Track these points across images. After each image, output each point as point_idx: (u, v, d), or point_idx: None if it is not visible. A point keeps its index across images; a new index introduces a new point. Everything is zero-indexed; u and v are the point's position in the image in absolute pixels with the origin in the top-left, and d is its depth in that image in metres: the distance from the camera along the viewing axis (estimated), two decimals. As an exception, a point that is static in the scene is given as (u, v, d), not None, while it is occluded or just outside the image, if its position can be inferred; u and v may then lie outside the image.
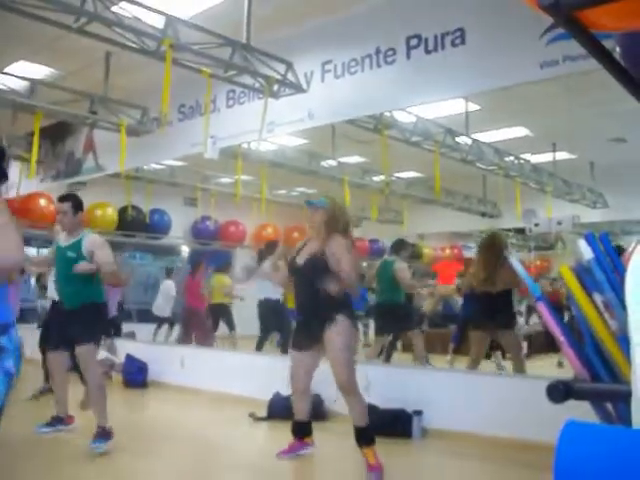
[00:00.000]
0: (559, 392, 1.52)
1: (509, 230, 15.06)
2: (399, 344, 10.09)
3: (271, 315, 8.71)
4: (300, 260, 4.52)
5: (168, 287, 11.46)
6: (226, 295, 10.69)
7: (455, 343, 9.01)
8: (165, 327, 11.54)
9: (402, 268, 7.81)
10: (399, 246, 8.11)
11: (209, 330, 10.27)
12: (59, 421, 5.36)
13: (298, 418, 4.74)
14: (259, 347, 8.94)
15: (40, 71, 7.73)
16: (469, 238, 17.48)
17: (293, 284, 4.66)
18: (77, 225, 5.10)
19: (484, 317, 6.28)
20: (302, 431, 4.76)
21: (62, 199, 5.16)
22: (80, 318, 4.93)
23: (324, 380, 4.71)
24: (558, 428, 1.17)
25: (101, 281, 5.13)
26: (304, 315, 4.56)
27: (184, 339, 10.20)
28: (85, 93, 7.39)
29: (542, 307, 1.78)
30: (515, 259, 2.28)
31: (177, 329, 11.41)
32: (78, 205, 5.13)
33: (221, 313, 10.69)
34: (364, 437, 4.30)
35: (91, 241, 5.03)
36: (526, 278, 1.98)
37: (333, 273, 4.29)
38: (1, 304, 1.92)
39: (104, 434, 4.85)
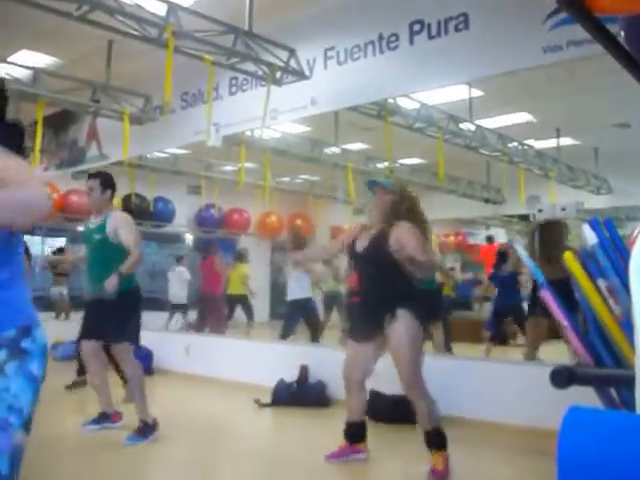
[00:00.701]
0: (563, 377, 1.52)
1: (512, 216, 15.05)
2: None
3: (300, 314, 8.61)
4: (360, 246, 4.20)
5: (181, 273, 11.60)
6: (244, 284, 10.71)
7: (491, 330, 8.78)
8: (176, 315, 11.60)
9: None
10: None
11: (223, 317, 10.29)
12: (105, 418, 5.16)
13: (351, 418, 4.34)
14: (285, 337, 8.93)
15: (42, 60, 7.71)
16: (473, 225, 17.46)
17: (354, 270, 4.29)
18: (105, 204, 4.96)
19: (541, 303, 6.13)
20: (355, 434, 4.36)
21: (91, 176, 5.05)
22: (113, 312, 4.72)
23: (326, 365, 4.72)
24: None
25: None
26: (366, 304, 4.20)
27: (200, 325, 10.22)
28: (87, 81, 7.38)
29: (546, 293, 1.78)
30: (519, 245, 2.27)
31: (189, 316, 11.49)
32: (106, 182, 5.00)
33: (240, 303, 10.75)
34: (432, 441, 4.03)
35: (114, 218, 4.88)
36: (529, 264, 1.97)
37: (396, 262, 3.98)
38: (24, 302, 1.84)
39: (144, 429, 4.80)
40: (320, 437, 4.82)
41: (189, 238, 15.47)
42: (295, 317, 8.55)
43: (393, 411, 5.42)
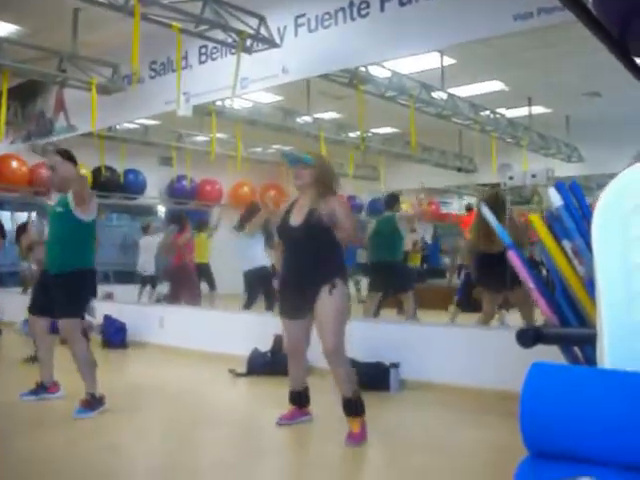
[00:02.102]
0: (528, 337, 1.55)
1: (485, 185, 15.15)
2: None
3: (257, 283, 8.58)
4: (294, 222, 4.21)
5: (149, 242, 11.39)
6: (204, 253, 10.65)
7: (460, 297, 8.91)
8: (147, 288, 11.53)
9: (402, 215, 7.81)
10: (393, 201, 8.03)
11: (198, 288, 10.26)
12: (43, 389, 5.21)
13: (296, 387, 4.52)
14: (248, 307, 8.94)
15: (5, 28, 7.54)
16: (446, 194, 17.57)
17: (285, 248, 4.35)
18: (67, 181, 4.85)
19: (492, 278, 6.29)
20: (301, 400, 4.55)
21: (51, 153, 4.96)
22: (65, 287, 4.78)
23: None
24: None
25: (93, 246, 4.98)
26: (296, 280, 4.24)
27: (173, 298, 10.17)
28: (53, 50, 7.24)
29: (513, 255, 1.81)
30: (485, 208, 2.30)
31: (159, 289, 11.41)
32: (70, 158, 4.92)
33: (202, 272, 10.69)
34: (350, 408, 4.12)
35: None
36: (496, 226, 2.00)
37: (330, 236, 4.11)
38: None
39: (92, 402, 4.79)
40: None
41: (161, 210, 15.37)
42: (253, 287, 8.53)
43: (366, 377, 5.49)
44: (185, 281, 9.88)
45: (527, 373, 1.08)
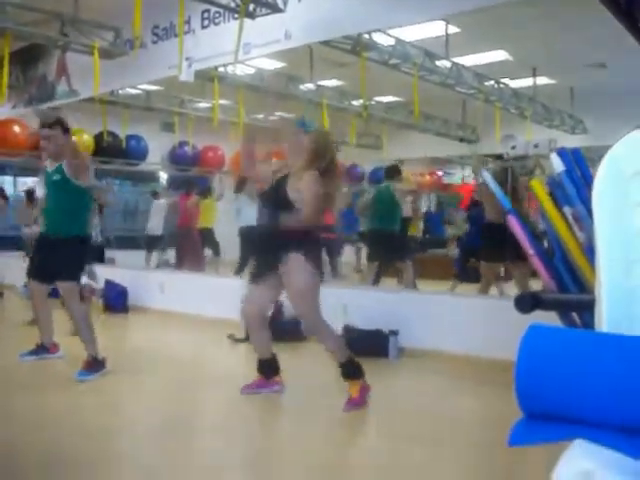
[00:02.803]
0: (527, 302, 1.55)
1: (488, 155, 15.07)
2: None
3: (250, 241, 8.62)
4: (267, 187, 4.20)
5: (158, 206, 11.65)
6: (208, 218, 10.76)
7: (458, 268, 8.96)
8: (154, 253, 11.61)
9: (399, 187, 7.79)
10: (393, 171, 8.00)
11: (201, 254, 10.31)
12: (44, 349, 5.28)
13: (261, 355, 4.42)
14: (239, 272, 8.98)
15: (8, -10, 7.45)
16: (448, 164, 17.49)
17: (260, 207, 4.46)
18: (64, 150, 4.85)
19: (497, 249, 6.31)
20: (268, 369, 4.44)
21: (48, 125, 4.86)
22: (63, 252, 4.84)
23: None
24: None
25: (90, 213, 5.09)
26: (262, 244, 4.32)
27: (179, 263, 10.21)
28: (55, 13, 7.15)
29: (513, 220, 1.80)
30: (487, 174, 2.28)
31: (164, 255, 11.50)
32: (67, 128, 4.92)
33: (206, 238, 10.74)
34: (346, 371, 4.13)
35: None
36: (497, 191, 1.99)
37: (290, 207, 3.99)
38: None
39: (94, 364, 4.83)
40: (296, 367, 4.90)
41: (163, 176, 15.32)
42: (247, 246, 8.52)
43: (365, 344, 5.52)
44: (189, 246, 9.92)
45: (524, 334, 1.08)
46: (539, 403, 1.01)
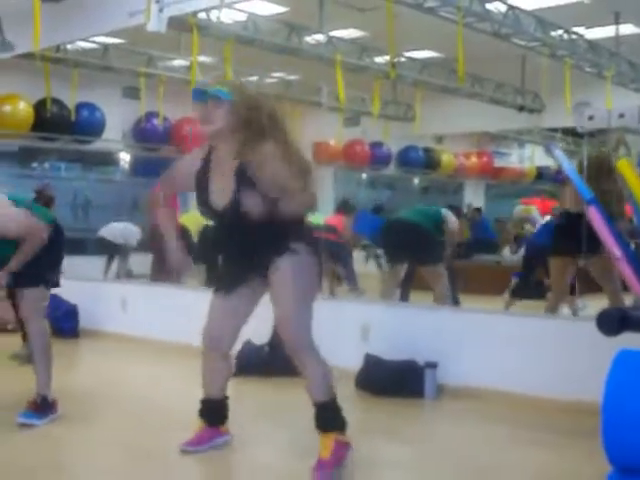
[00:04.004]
0: (612, 320, 1.54)
1: (555, 130, 15.05)
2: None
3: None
4: (216, 201, 3.95)
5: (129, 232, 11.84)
6: None
7: (521, 279, 8.94)
8: (115, 261, 11.68)
9: (453, 221, 7.79)
10: None
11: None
12: None
13: (209, 395, 4.32)
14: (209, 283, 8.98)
15: None
16: (502, 141, 17.41)
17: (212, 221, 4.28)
18: None
19: (574, 240, 6.34)
20: (215, 415, 4.36)
21: None
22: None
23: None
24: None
25: None
26: (239, 257, 4.11)
27: (157, 272, 10.21)
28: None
29: (593, 212, 1.79)
30: (559, 152, 2.28)
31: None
32: None
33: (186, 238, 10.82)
34: (323, 417, 3.96)
35: None
36: (574, 176, 1.99)
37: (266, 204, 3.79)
38: None
39: (44, 406, 4.83)
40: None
41: (125, 158, 15.32)
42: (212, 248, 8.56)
43: (393, 380, 5.54)
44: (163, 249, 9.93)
45: (612, 363, 1.08)
46: (634, 452, 1.01)
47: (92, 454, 4.42)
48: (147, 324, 7.78)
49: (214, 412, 4.34)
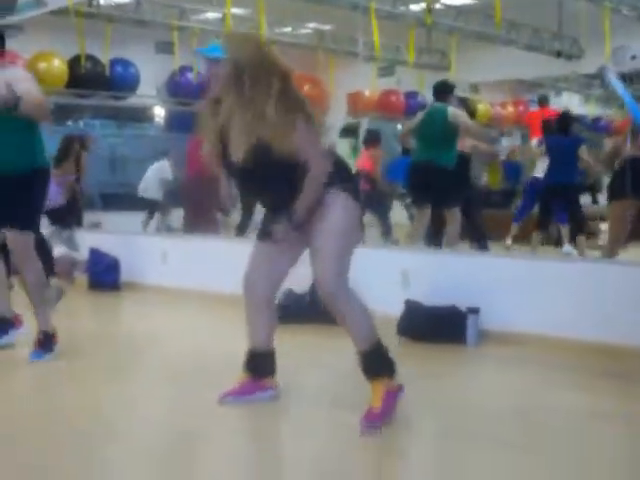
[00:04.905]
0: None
1: (593, 77, 14.82)
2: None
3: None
4: (235, 154, 3.79)
5: (162, 168, 11.80)
6: None
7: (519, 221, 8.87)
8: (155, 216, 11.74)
9: (460, 114, 7.48)
10: (444, 89, 7.74)
11: (214, 209, 10.33)
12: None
13: (255, 346, 4.17)
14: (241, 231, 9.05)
15: None
16: (538, 89, 17.17)
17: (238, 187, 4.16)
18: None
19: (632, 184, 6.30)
20: (260, 367, 4.20)
21: None
22: (12, 192, 4.84)
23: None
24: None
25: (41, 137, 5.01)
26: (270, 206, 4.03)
27: (189, 224, 10.24)
28: None
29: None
30: (610, 73, 2.23)
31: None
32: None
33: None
34: (369, 365, 3.84)
35: (10, 73, 4.79)
36: (630, 102, 1.94)
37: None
38: None
39: (46, 341, 4.97)
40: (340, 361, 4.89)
41: (159, 114, 15.34)
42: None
43: (435, 326, 5.53)
44: (203, 201, 9.94)
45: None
46: None
47: (132, 406, 4.40)
48: (188, 276, 7.81)
49: (257, 364, 4.20)
